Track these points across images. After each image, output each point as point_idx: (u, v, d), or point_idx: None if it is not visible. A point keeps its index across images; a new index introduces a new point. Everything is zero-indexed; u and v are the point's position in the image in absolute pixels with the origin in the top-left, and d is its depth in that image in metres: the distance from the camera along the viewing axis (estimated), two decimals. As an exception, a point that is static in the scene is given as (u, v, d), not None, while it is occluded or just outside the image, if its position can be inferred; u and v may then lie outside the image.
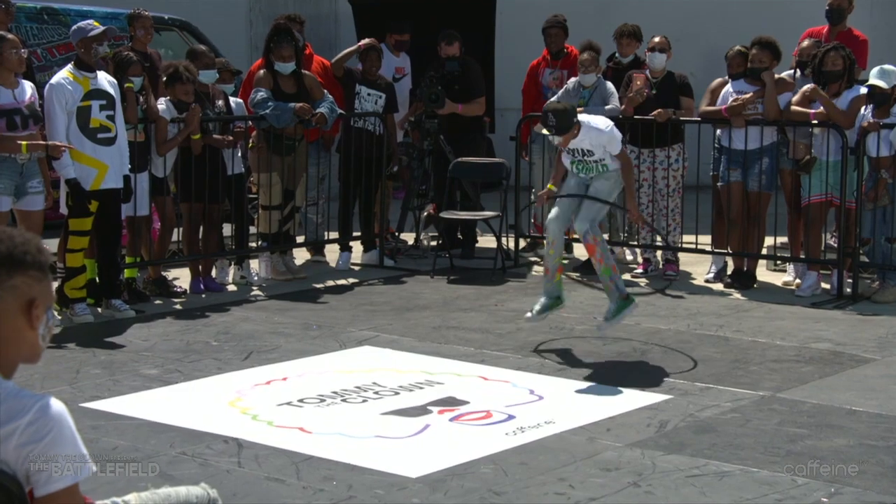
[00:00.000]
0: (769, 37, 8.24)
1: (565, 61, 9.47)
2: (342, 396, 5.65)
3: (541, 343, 6.69)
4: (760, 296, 8.10)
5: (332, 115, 8.53)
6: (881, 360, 6.37)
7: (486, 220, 9.14)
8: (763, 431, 5.11)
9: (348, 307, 7.77)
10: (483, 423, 5.28)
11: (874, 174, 7.77)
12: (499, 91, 13.11)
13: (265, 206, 8.60)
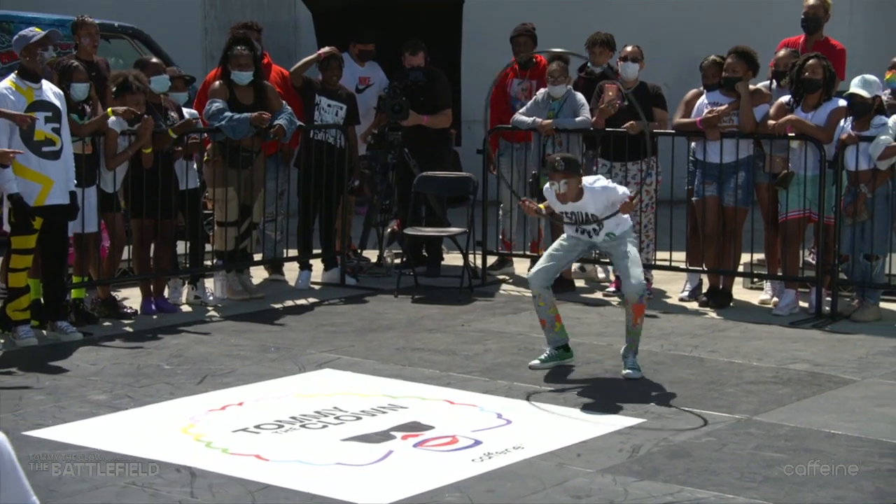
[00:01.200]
0: (745, 46, 8.32)
1: (534, 71, 9.52)
2: (301, 422, 5.63)
3: (508, 363, 6.69)
4: (736, 315, 8.15)
5: (291, 127, 8.53)
6: (861, 382, 6.43)
7: (452, 237, 9.16)
8: (739, 456, 5.14)
9: (308, 328, 7.74)
10: (449, 448, 5.27)
11: (853, 189, 7.86)
12: (465, 102, 13.13)
13: (221, 223, 8.57)
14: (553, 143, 8.94)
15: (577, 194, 6.47)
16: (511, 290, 9.11)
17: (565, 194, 6.46)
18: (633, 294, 6.46)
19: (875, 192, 7.80)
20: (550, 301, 6.66)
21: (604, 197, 6.48)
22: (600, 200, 6.47)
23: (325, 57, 9.17)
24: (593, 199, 6.48)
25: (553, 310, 6.66)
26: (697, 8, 13.02)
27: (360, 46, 9.75)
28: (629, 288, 6.47)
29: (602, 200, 6.47)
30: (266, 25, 9.57)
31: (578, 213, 6.54)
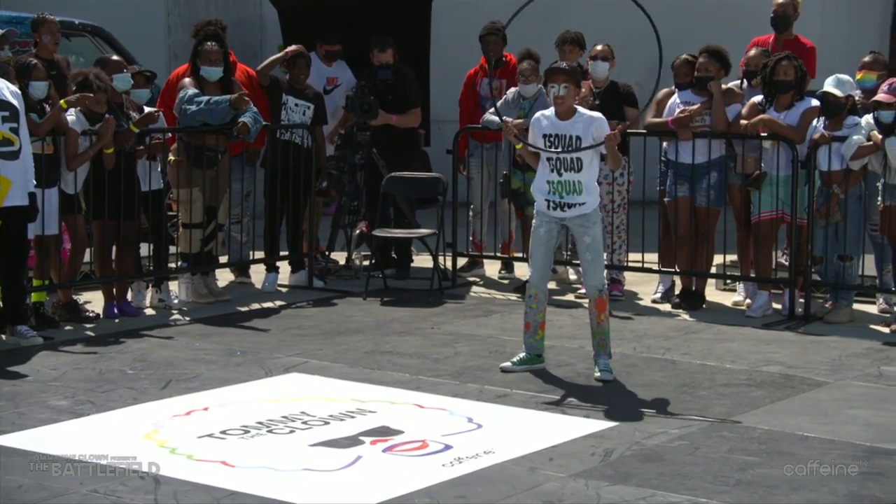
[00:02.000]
0: (717, 45, 8.38)
1: (504, 70, 9.54)
2: (268, 427, 5.62)
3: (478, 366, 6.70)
4: (709, 317, 8.20)
5: (256, 126, 8.50)
6: (834, 384, 6.48)
7: (421, 239, 9.16)
8: (712, 459, 5.17)
9: (275, 332, 7.72)
10: (418, 453, 5.28)
11: (826, 189, 7.93)
12: (435, 102, 13.16)
13: (185, 224, 8.53)
14: (524, 143, 8.95)
15: (570, 112, 6.49)
16: (482, 293, 9.13)
17: (563, 99, 6.46)
18: (592, 289, 6.55)
19: (848, 192, 7.87)
20: (543, 305, 6.70)
21: (592, 125, 6.50)
22: (589, 126, 6.49)
23: (292, 55, 9.15)
24: (583, 123, 6.49)
25: (542, 315, 6.68)
26: (667, 6, 13.07)
27: (327, 47, 9.74)
28: (589, 284, 6.59)
29: (591, 127, 6.49)
30: (231, 23, 9.55)
31: (563, 136, 6.49)
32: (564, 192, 6.55)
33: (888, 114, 7.55)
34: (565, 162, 6.53)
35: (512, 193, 9.09)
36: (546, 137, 6.56)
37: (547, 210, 6.62)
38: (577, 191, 6.53)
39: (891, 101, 7.53)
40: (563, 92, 6.50)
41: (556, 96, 6.53)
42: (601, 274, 6.60)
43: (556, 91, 6.52)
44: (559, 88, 6.51)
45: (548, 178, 6.60)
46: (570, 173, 6.53)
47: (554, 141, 6.54)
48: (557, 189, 6.57)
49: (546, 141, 6.55)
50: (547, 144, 6.55)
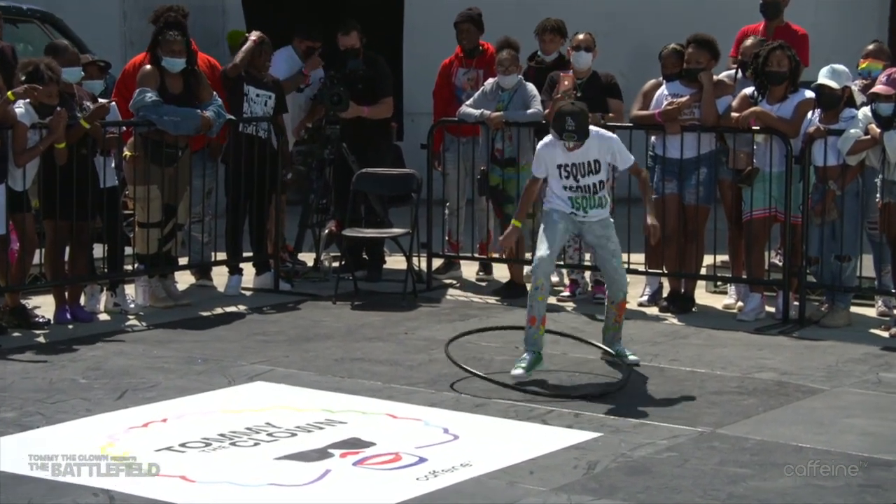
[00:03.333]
0: (706, 34, 8.40)
1: (480, 60, 9.55)
2: (231, 439, 5.60)
3: (457, 381, 6.70)
4: (699, 320, 8.23)
5: (220, 121, 8.48)
6: (830, 391, 6.52)
7: (394, 239, 9.15)
8: (702, 472, 5.19)
9: (238, 338, 7.70)
10: (391, 466, 5.28)
11: (821, 186, 7.96)
12: (408, 93, 13.15)
13: (143, 224, 8.49)
14: (503, 136, 8.97)
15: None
16: (458, 296, 9.13)
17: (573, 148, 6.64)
18: (619, 293, 6.94)
19: (845, 189, 7.91)
20: (547, 296, 6.85)
21: (607, 145, 6.71)
22: (605, 147, 6.70)
23: (256, 43, 9.11)
24: (596, 143, 6.68)
25: (546, 307, 6.80)
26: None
27: (308, 43, 9.69)
28: (616, 286, 6.90)
29: (606, 148, 6.71)
30: (192, 9, 9.49)
31: (580, 164, 6.72)
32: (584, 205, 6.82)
33: (887, 106, 7.59)
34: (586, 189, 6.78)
35: (490, 190, 9.09)
36: (562, 168, 6.76)
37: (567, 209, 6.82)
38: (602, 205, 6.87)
39: (889, 92, 7.57)
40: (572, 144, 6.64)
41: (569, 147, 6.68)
42: (625, 280, 7.01)
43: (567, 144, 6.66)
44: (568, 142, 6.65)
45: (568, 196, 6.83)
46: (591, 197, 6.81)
47: (571, 170, 6.77)
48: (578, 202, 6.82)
49: (562, 171, 6.77)
50: (564, 175, 6.78)
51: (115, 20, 13.81)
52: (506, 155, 8.99)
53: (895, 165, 7.66)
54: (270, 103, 9.13)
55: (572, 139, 6.59)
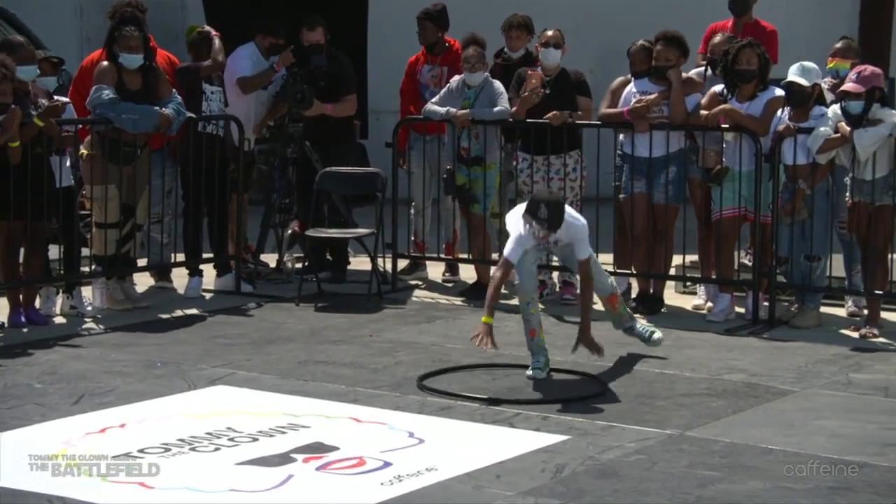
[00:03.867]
0: (674, 31, 8.44)
1: (445, 57, 9.56)
2: (190, 445, 5.59)
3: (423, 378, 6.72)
4: (668, 321, 8.26)
5: (179, 118, 8.45)
6: (800, 393, 6.57)
7: (358, 239, 9.15)
8: (671, 475, 5.22)
9: (199, 341, 7.68)
10: (355, 471, 5.28)
11: (791, 185, 8.02)
12: (372, 91, 13.15)
13: (100, 224, 8.45)
14: (469, 134, 8.99)
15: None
16: (424, 297, 9.14)
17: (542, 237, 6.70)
18: (605, 290, 7.06)
19: (815, 188, 7.97)
20: (537, 304, 6.95)
21: (573, 232, 6.76)
22: (573, 233, 6.77)
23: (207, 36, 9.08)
24: (566, 230, 6.73)
25: (540, 316, 6.91)
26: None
27: (272, 39, 9.66)
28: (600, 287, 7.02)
29: (573, 233, 6.77)
30: (151, 4, 9.46)
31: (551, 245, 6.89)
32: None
33: (857, 104, 7.65)
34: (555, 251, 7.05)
35: (457, 190, 9.10)
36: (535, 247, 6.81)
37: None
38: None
39: (859, 90, 7.63)
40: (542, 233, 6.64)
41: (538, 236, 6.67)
42: (607, 279, 7.10)
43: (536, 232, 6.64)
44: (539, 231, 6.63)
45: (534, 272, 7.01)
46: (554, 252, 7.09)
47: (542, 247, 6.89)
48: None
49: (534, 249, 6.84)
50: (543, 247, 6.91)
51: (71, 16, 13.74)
52: (472, 154, 9.01)
53: (865, 164, 7.73)
54: (222, 98, 9.11)
55: (542, 227, 6.56)
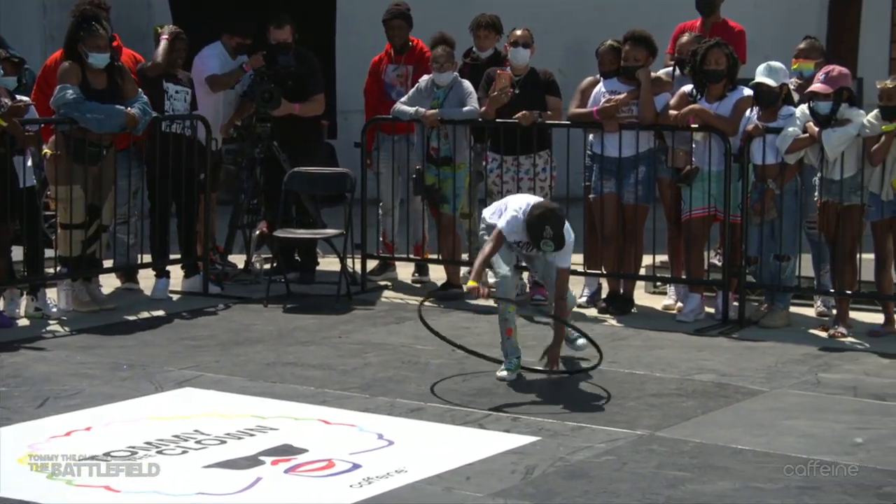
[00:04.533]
0: (642, 31, 8.46)
1: (409, 56, 9.55)
2: (157, 448, 5.57)
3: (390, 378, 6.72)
4: (638, 322, 8.30)
5: (145, 118, 8.41)
6: (769, 393, 6.61)
7: (327, 240, 9.13)
8: (640, 475, 5.24)
9: (165, 342, 7.65)
10: (324, 474, 5.27)
11: (760, 185, 8.07)
12: (341, 91, 13.13)
13: (65, 225, 8.41)
14: (438, 134, 8.99)
15: None
16: (393, 298, 9.13)
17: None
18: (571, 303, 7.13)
19: (784, 188, 8.01)
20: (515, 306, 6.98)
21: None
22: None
23: (172, 38, 9.05)
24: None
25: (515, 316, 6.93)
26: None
27: (239, 39, 9.63)
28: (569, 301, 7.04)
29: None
30: (117, 3, 9.42)
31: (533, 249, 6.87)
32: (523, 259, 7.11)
33: (825, 105, 7.70)
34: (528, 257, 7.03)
35: (426, 190, 9.10)
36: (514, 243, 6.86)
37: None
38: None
39: (827, 91, 7.68)
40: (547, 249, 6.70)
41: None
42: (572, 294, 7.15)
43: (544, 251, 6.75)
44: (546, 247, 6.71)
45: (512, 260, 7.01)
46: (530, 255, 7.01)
47: (524, 247, 6.88)
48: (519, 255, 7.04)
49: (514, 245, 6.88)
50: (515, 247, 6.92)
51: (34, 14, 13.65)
52: (441, 154, 9.01)
53: (833, 164, 7.79)
54: (188, 99, 9.07)
55: (549, 248, 6.62)
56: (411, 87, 9.27)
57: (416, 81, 9.26)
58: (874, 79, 8.06)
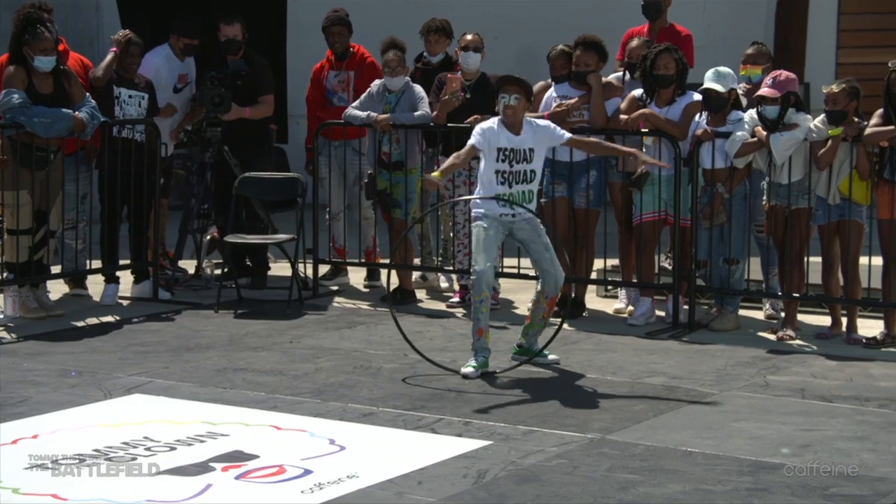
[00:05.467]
0: (593, 36, 8.51)
1: (351, 62, 9.55)
2: (106, 455, 5.53)
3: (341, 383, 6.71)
4: (589, 325, 8.35)
5: (94, 122, 8.35)
6: (719, 395, 6.66)
7: (279, 245, 9.11)
8: (592, 479, 5.26)
9: (115, 349, 7.60)
10: (275, 479, 5.25)
11: (709, 188, 8.14)
12: (292, 95, 13.10)
13: (11, 231, 8.34)
14: (390, 139, 8.99)
15: (520, 125, 6.96)
16: (345, 303, 9.12)
17: (514, 109, 6.89)
18: (554, 287, 7.09)
19: (732, 192, 8.09)
20: (489, 306, 7.07)
21: (546, 135, 7.04)
22: (541, 137, 7.01)
23: (124, 42, 8.98)
24: (534, 134, 6.98)
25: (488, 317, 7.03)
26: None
27: (186, 40, 9.58)
28: (553, 280, 7.04)
29: (543, 138, 7.02)
30: (64, 6, 9.37)
31: (518, 150, 6.94)
32: (515, 203, 7.01)
33: (772, 109, 7.78)
34: (518, 175, 7.00)
35: (378, 195, 9.10)
36: (501, 151, 6.97)
37: (496, 210, 7.01)
38: (528, 199, 7.07)
39: (775, 95, 7.76)
40: (514, 103, 6.94)
41: (507, 105, 6.98)
42: (562, 271, 7.13)
43: (507, 101, 6.98)
44: (510, 98, 6.97)
45: (496, 192, 7.01)
46: (521, 185, 7.01)
47: (509, 154, 7.00)
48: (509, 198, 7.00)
49: (500, 154, 6.98)
50: (501, 158, 6.99)
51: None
52: (393, 158, 9.01)
53: (781, 168, 7.87)
54: (144, 104, 9.01)
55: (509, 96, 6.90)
56: (353, 93, 9.29)
57: (358, 87, 9.28)
58: (821, 84, 8.15)
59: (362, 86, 9.22)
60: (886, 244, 7.70)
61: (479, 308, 6.98)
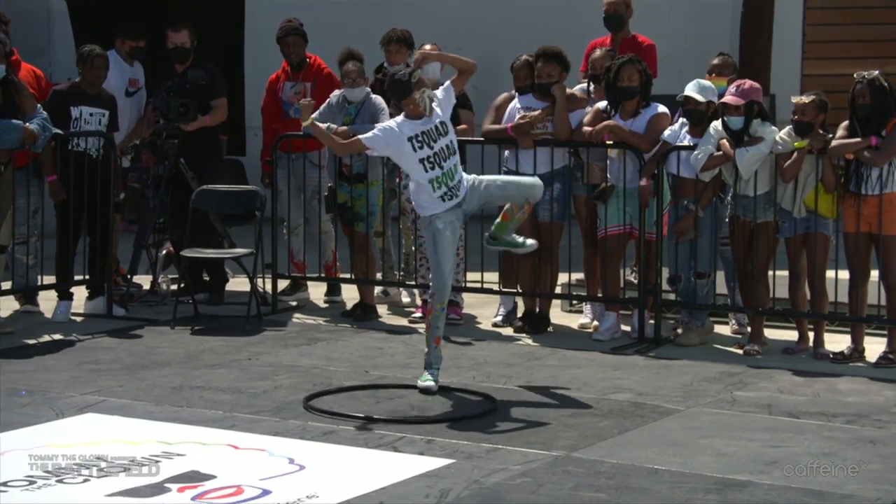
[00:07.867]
0: (555, 47, 8.53)
1: (307, 72, 9.55)
2: (57, 476, 5.48)
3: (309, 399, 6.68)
4: (554, 341, 8.36)
5: (45, 134, 8.29)
6: (685, 411, 6.69)
7: (237, 259, 9.07)
8: (557, 498, 5.27)
9: (67, 367, 7.55)
10: (233, 500, 5.23)
11: (680, 201, 8.15)
12: (250, 106, 13.06)
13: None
14: (350, 151, 8.97)
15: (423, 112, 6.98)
16: (305, 318, 9.10)
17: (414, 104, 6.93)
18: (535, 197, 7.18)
19: (704, 207, 8.10)
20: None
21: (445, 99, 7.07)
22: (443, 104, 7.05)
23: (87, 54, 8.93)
24: (437, 106, 7.00)
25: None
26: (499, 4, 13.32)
27: (131, 43, 9.54)
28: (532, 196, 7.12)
29: (444, 103, 7.06)
30: (14, 15, 9.30)
31: (430, 130, 6.96)
32: (450, 179, 6.98)
33: (737, 120, 7.80)
34: (441, 154, 6.98)
35: (339, 208, 9.08)
36: (414, 139, 6.96)
37: (443, 206, 6.97)
38: (457, 170, 7.04)
39: (738, 102, 7.78)
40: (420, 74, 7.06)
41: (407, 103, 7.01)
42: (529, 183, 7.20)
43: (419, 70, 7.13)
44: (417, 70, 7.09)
45: (429, 178, 6.96)
46: (449, 161, 6.99)
47: (423, 138, 6.97)
48: (443, 181, 6.96)
49: (415, 142, 6.96)
50: (417, 145, 6.96)
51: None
52: (354, 171, 9.00)
53: (747, 181, 7.91)
54: (104, 121, 8.96)
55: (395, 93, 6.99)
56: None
57: (314, 98, 9.26)
58: (786, 95, 8.21)
59: (319, 96, 9.21)
60: (852, 258, 7.76)
61: (439, 317, 6.98)
